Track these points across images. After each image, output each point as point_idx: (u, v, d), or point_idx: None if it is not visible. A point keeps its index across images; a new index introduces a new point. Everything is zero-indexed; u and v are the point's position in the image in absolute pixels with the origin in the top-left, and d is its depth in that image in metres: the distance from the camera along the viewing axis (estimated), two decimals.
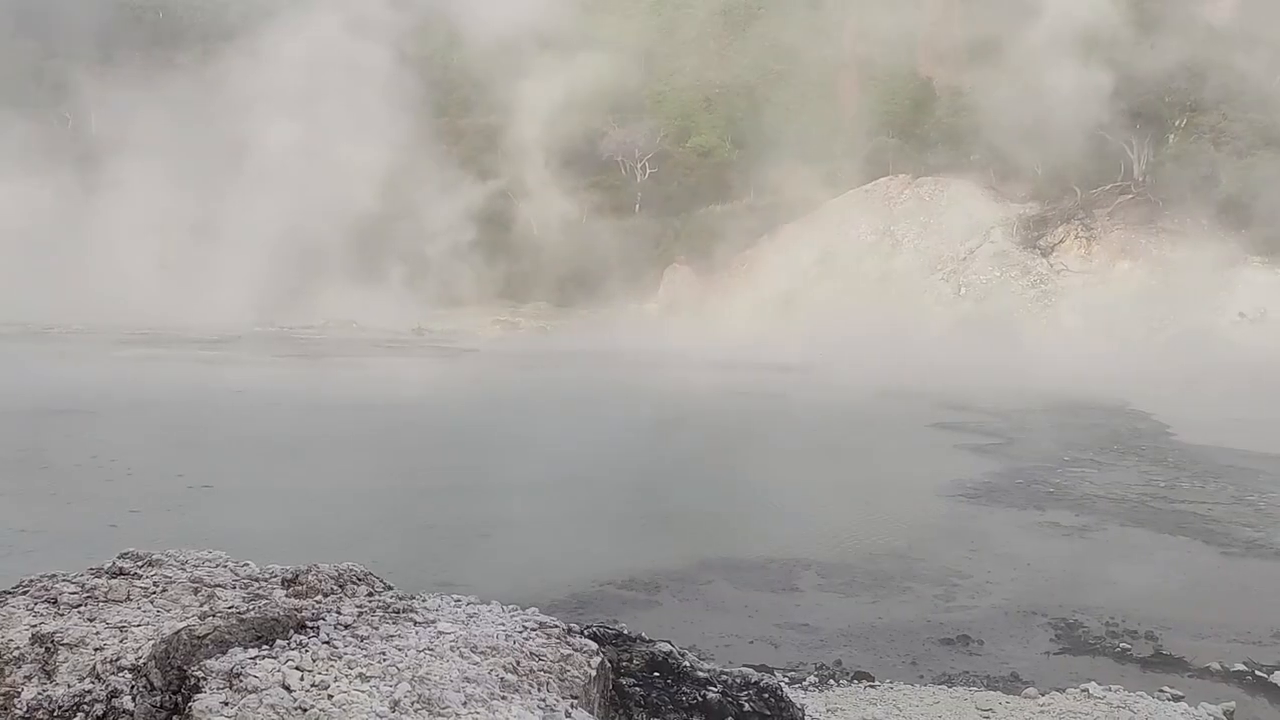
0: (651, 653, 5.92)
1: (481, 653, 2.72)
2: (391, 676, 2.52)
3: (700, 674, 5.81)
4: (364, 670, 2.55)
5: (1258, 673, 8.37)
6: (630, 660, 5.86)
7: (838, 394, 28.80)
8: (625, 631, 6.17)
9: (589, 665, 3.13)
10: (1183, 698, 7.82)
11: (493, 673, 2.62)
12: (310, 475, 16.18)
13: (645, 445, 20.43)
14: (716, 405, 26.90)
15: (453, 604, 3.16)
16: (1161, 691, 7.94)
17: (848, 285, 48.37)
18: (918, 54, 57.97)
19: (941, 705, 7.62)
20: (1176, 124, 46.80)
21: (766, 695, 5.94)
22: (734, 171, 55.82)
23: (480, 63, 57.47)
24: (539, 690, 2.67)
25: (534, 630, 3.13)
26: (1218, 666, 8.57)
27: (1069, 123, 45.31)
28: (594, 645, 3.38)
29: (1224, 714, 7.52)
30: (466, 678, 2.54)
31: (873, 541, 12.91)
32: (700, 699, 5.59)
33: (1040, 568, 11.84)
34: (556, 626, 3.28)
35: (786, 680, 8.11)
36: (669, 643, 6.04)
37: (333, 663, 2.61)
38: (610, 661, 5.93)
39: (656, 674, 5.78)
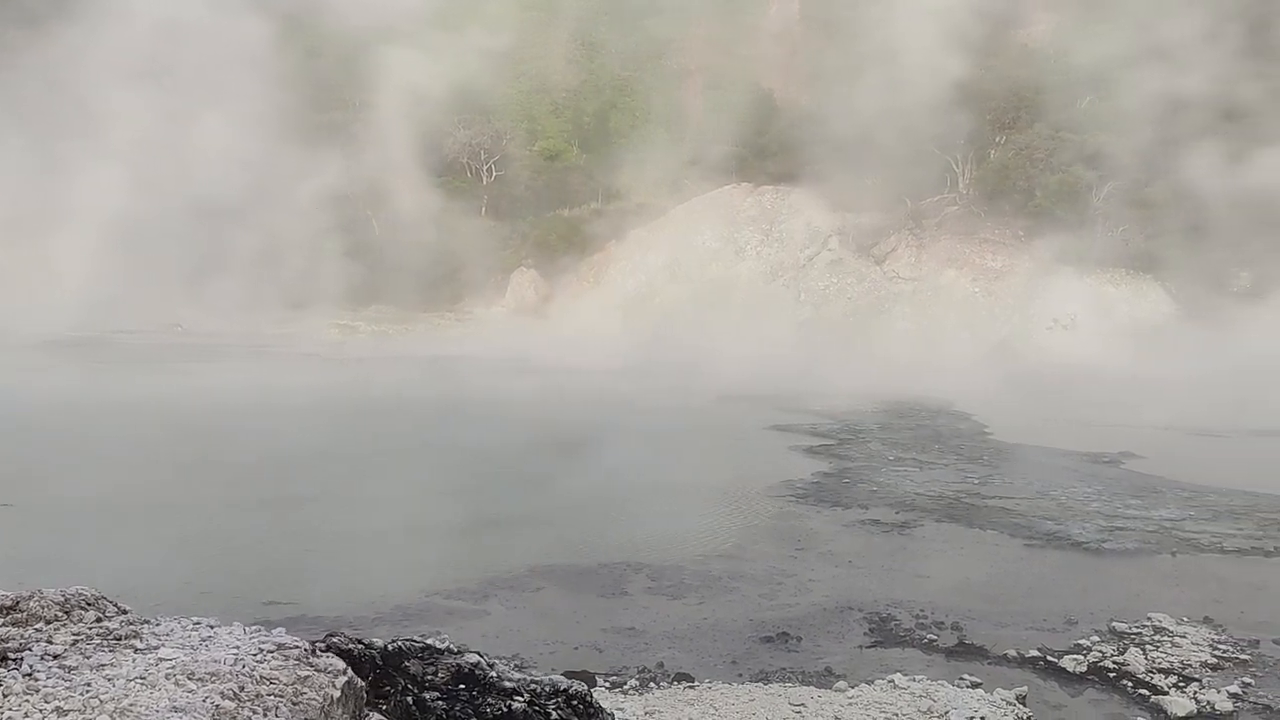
0: (458, 664, 5.89)
1: (199, 679, 2.62)
2: (92, 709, 2.40)
3: (507, 684, 5.81)
4: (62, 704, 2.42)
5: (1049, 658, 8.95)
6: (435, 673, 5.82)
7: (680, 398, 29.20)
8: (433, 644, 6.14)
9: (332, 686, 3.07)
10: (980, 684, 8.29)
11: (207, 700, 2.53)
12: (117, 491, 15.39)
13: (481, 454, 20.23)
14: (557, 412, 26.89)
15: (187, 627, 3.05)
16: (962, 679, 8.40)
17: (693, 291, 49.23)
18: (759, 66, 59.56)
19: (756, 703, 7.85)
20: (997, 140, 49.49)
21: (575, 702, 5.99)
22: (581, 176, 56.02)
23: (339, 52, 55.90)
24: (264, 716, 2.60)
25: (271, 652, 3.05)
26: (1014, 653, 9.12)
27: (901, 137, 47.26)
28: (340, 665, 3.32)
29: (1017, 698, 8.01)
30: (175, 707, 2.45)
31: (704, 544, 13.18)
32: (505, 709, 5.59)
33: (860, 564, 12.32)
34: (297, 647, 3.20)
35: (607, 685, 8.23)
36: (478, 653, 6.03)
37: (28, 697, 2.46)
38: (416, 675, 5.89)
39: (462, 686, 5.76)
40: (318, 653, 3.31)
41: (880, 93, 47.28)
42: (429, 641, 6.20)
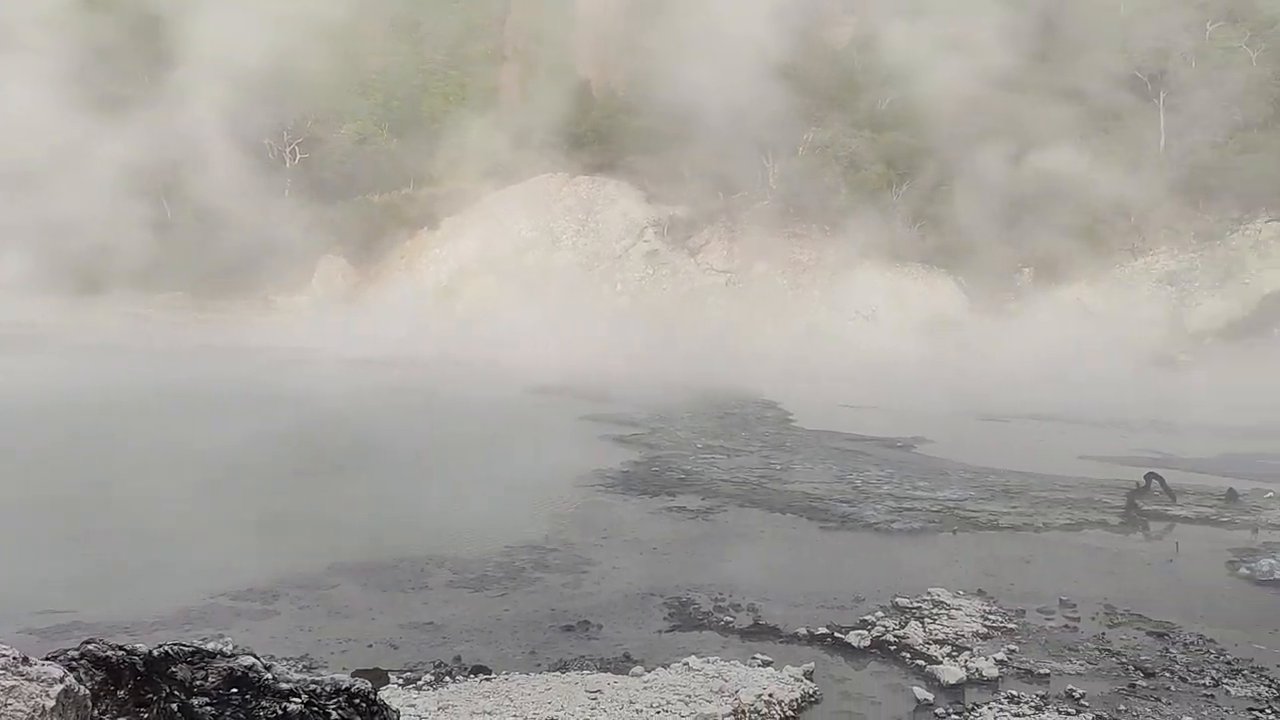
0: (231, 668, 5.58)
1: None
2: None
3: (284, 686, 5.55)
4: None
5: (837, 634, 9.29)
6: (206, 678, 5.51)
7: (492, 389, 28.93)
8: (204, 647, 5.81)
9: (45, 696, 2.84)
10: (771, 662, 8.52)
11: None
12: None
13: (278, 450, 19.44)
14: (365, 403, 26.16)
15: None
16: (754, 658, 8.62)
17: (509, 280, 48.80)
18: (577, 54, 59.52)
19: (553, 691, 7.82)
20: (805, 137, 51.22)
21: (358, 701, 5.79)
22: (391, 161, 54.55)
23: (145, 12, 52.10)
24: None
25: None
26: (805, 631, 9.42)
27: (714, 133, 48.28)
28: (56, 673, 3.08)
29: (804, 674, 8.28)
30: None
31: (510, 535, 13.05)
32: (280, 712, 5.34)
33: (664, 551, 12.49)
34: (3, 656, 2.95)
35: (400, 681, 8.03)
36: (253, 655, 5.74)
37: None
38: (185, 680, 5.55)
39: (235, 690, 5.47)
40: (30, 661, 3.05)
41: (695, 88, 48.11)
42: (200, 645, 5.85)
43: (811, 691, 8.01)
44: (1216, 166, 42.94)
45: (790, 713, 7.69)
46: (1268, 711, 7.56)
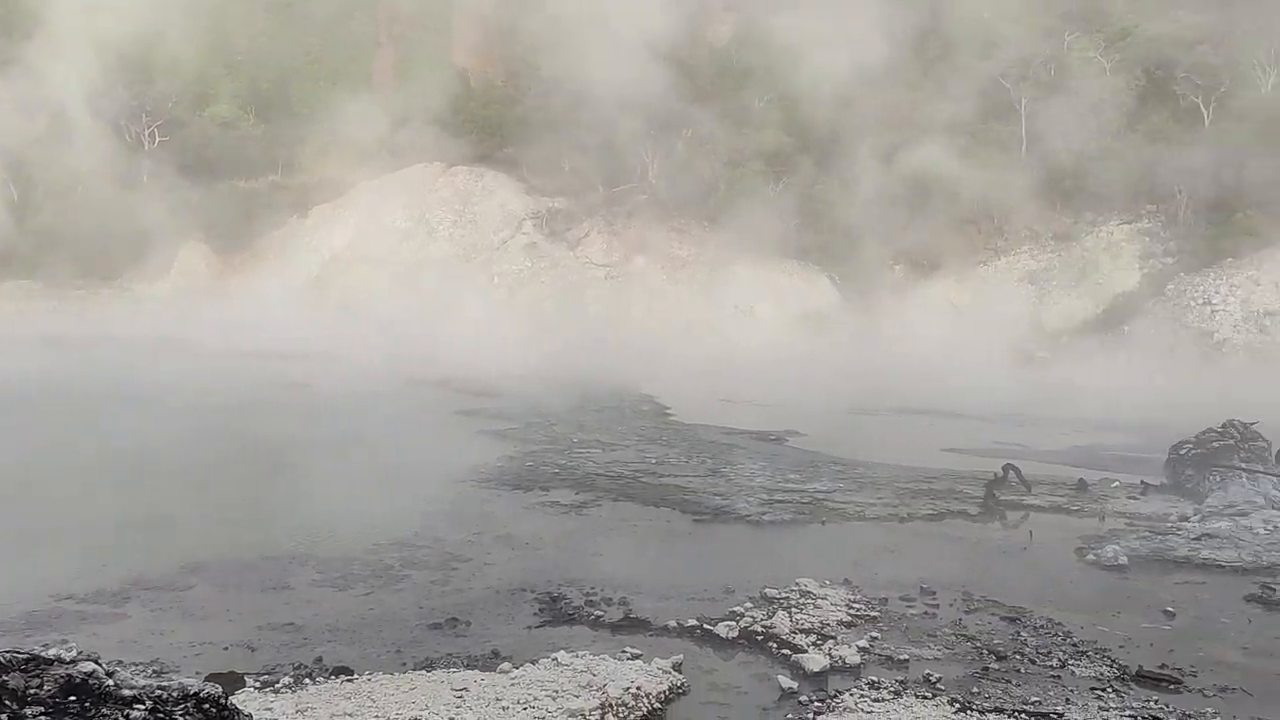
0: (69, 675, 5.30)
1: None
2: None
3: (126, 692, 5.29)
4: None
5: (706, 626, 9.36)
6: (41, 687, 5.21)
7: (366, 383, 28.30)
8: (40, 654, 5.48)
9: None
10: (641, 655, 8.53)
11: None
12: None
13: (132, 447, 18.60)
14: (229, 397, 25.26)
15: None
16: (624, 652, 8.61)
17: (382, 271, 47.80)
18: (454, 43, 58.58)
19: (418, 690, 7.67)
20: (684, 133, 51.58)
21: (207, 706, 5.56)
22: (259, 146, 52.70)
23: None
24: None
25: None
26: (675, 624, 9.46)
27: (594, 125, 48.23)
28: None
29: (673, 666, 8.32)
30: None
31: (379, 532, 12.77)
32: None
33: (536, 546, 12.39)
34: None
35: (257, 685, 7.75)
36: (95, 661, 5.46)
37: None
38: (17, 689, 5.23)
39: (73, 698, 5.19)
40: None
41: (575, 80, 47.97)
42: (38, 651, 5.54)
43: (680, 683, 8.05)
44: (1073, 171, 44.92)
45: (658, 705, 7.71)
46: (1109, 690, 7.92)
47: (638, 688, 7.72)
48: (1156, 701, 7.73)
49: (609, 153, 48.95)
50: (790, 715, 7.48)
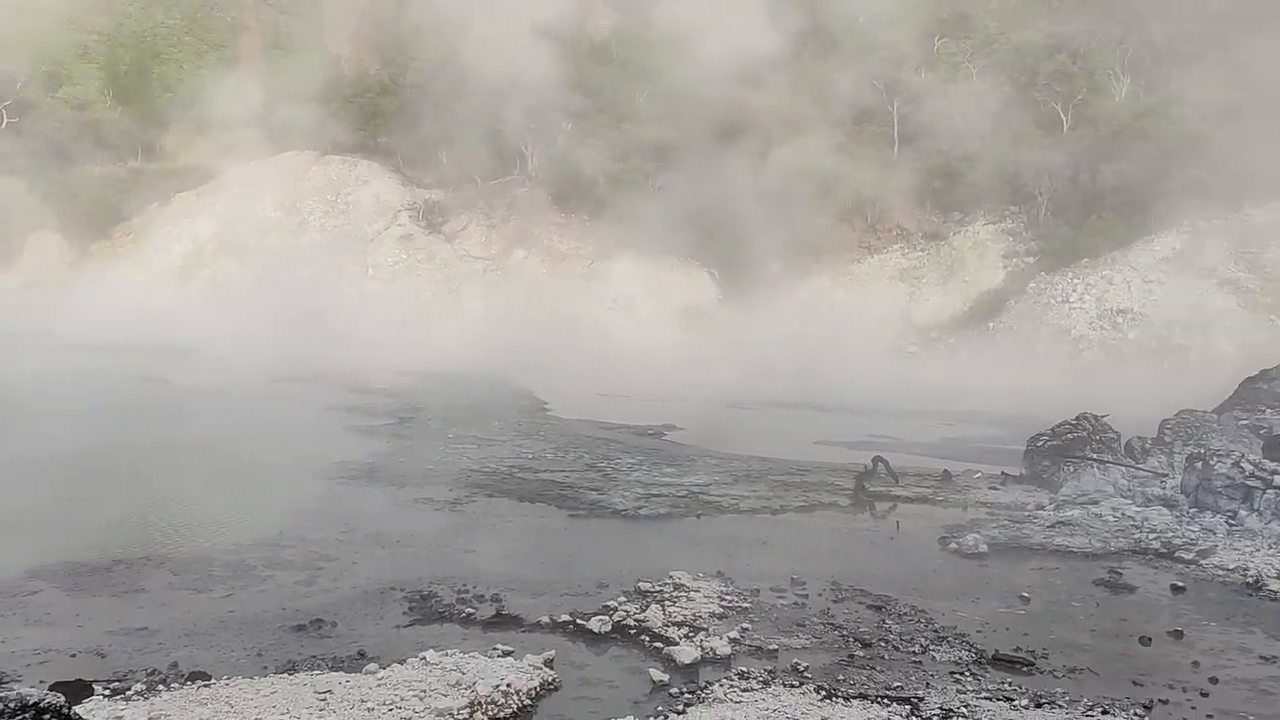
0: None
1: None
2: None
3: None
4: None
5: (579, 620, 9.31)
6: None
7: (231, 378, 27.31)
8: None
9: None
10: (512, 652, 8.43)
11: None
12: None
13: None
14: (83, 392, 24.06)
15: None
16: (495, 649, 8.49)
17: (250, 262, 46.24)
18: (327, 28, 57.00)
19: (279, 694, 7.40)
20: (565, 127, 51.40)
21: (48, 716, 5.29)
22: (117, 130, 50.28)
23: None
24: None
25: None
26: (547, 619, 9.38)
27: (473, 116, 47.60)
28: None
29: (544, 662, 8.24)
30: None
31: (242, 531, 12.33)
32: None
33: (408, 544, 12.13)
34: None
35: (107, 692, 7.38)
36: None
37: None
38: None
39: None
40: None
41: (453, 71, 47.31)
42: None
43: (551, 679, 7.98)
44: (942, 171, 46.47)
45: (528, 701, 7.62)
46: (967, 674, 8.18)
47: (508, 685, 7.62)
48: (1010, 683, 8.01)
49: (488, 144, 48.45)
50: (660, 707, 7.48)
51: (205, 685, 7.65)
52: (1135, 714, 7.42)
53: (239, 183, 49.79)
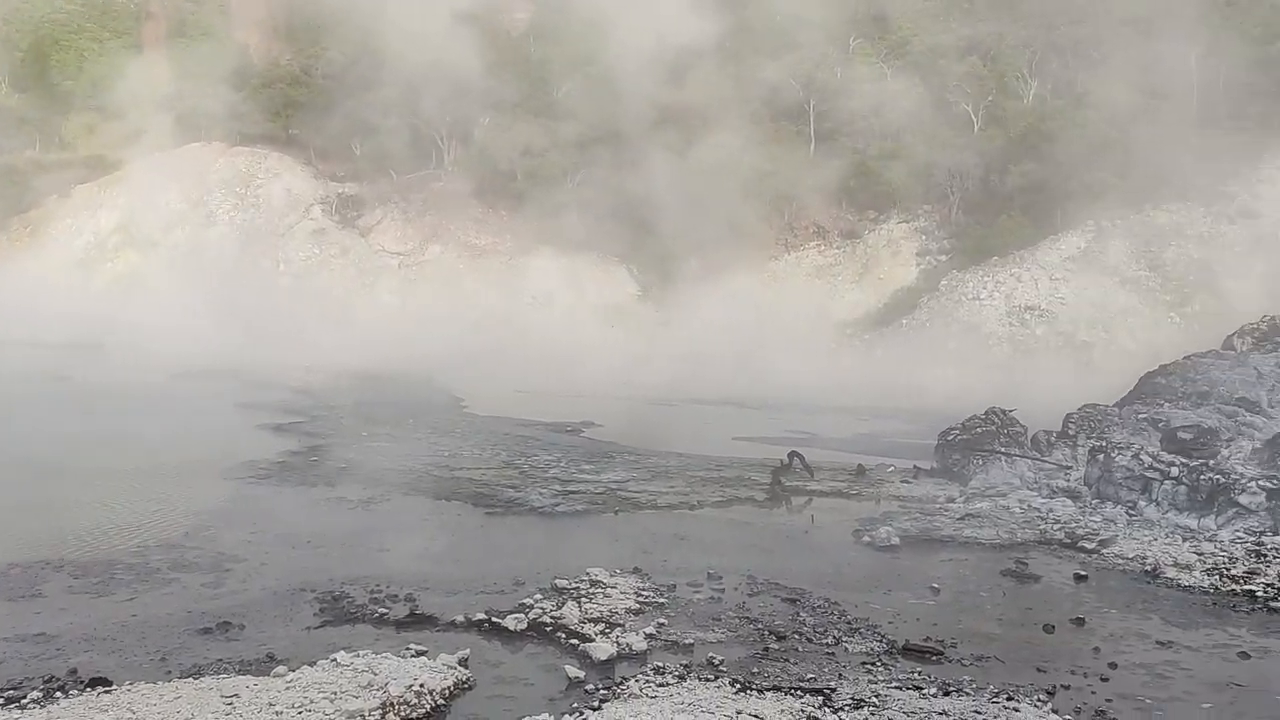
0: None
1: None
2: None
3: None
4: None
5: (494, 619, 9.23)
6: None
7: (134, 375, 26.49)
8: None
9: None
10: (426, 652, 8.32)
11: None
12: None
13: None
14: None
15: None
16: (408, 649, 8.37)
17: (155, 256, 44.87)
18: (234, 16, 55.47)
19: (184, 700, 7.20)
20: (482, 121, 50.90)
21: None
22: (13, 120, 48.28)
23: None
24: None
25: None
26: (462, 618, 9.29)
27: (388, 109, 46.87)
28: None
29: (459, 661, 8.15)
30: None
31: (145, 533, 11.99)
32: None
33: (319, 544, 11.90)
34: None
35: (1, 700, 7.09)
36: None
37: None
38: None
39: None
40: None
41: (367, 62, 46.56)
42: None
43: (465, 678, 7.90)
44: (858, 171, 47.17)
45: (442, 701, 7.54)
46: (878, 664, 8.32)
47: (421, 685, 7.52)
48: (920, 672, 8.16)
49: (404, 137, 47.75)
50: (576, 704, 7.45)
51: (106, 691, 7.42)
52: (1039, 700, 7.62)
53: (143, 174, 48.18)
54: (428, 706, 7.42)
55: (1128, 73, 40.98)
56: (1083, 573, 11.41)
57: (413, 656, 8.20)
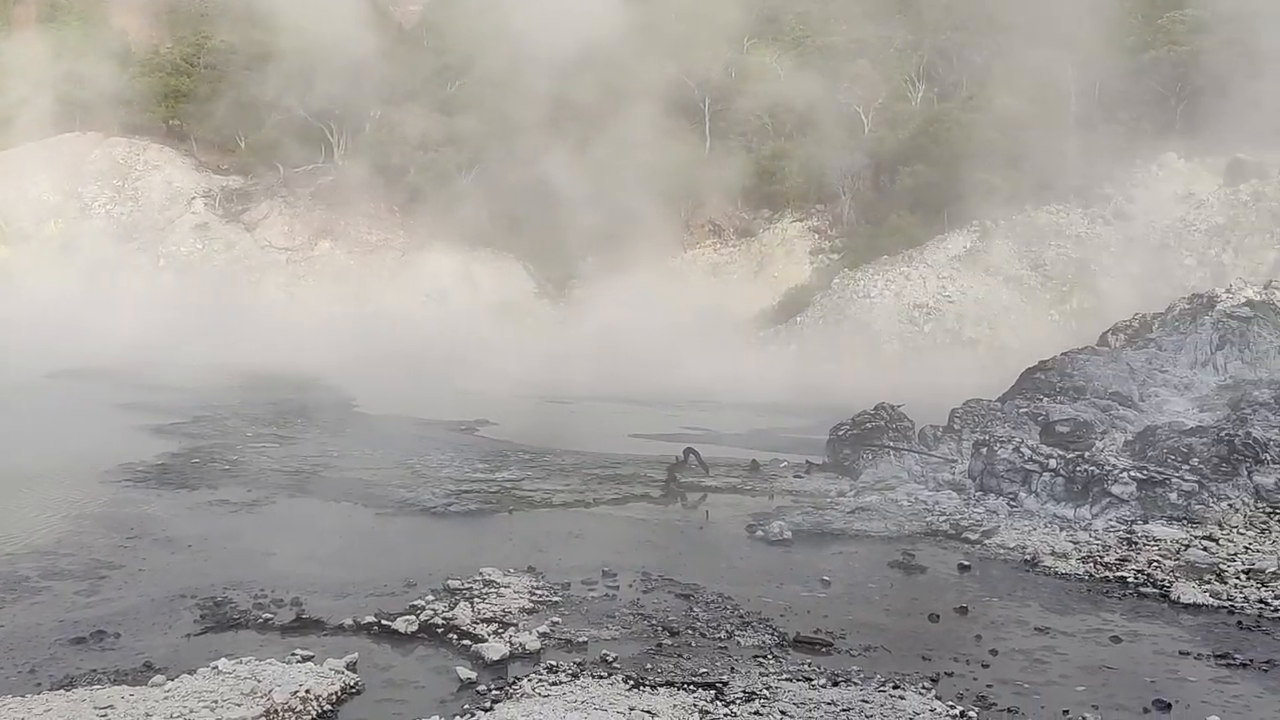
0: None
1: None
2: None
3: None
4: None
5: (384, 622, 9.03)
6: None
7: (4, 375, 25.23)
8: None
9: None
10: (312, 657, 8.09)
11: None
12: None
13: None
14: None
15: None
16: (294, 655, 8.13)
17: (25, 250, 42.88)
18: (110, 1, 53.26)
19: (54, 713, 6.87)
20: (373, 115, 49.95)
21: None
22: None
23: None
24: None
25: None
26: (351, 622, 9.06)
27: (274, 100, 45.68)
28: None
29: (346, 666, 7.95)
30: None
31: (12, 540, 11.42)
32: None
33: (201, 548, 11.50)
34: None
35: None
36: None
37: None
38: None
39: None
40: None
41: (251, 52, 45.26)
42: None
43: (353, 683, 7.71)
44: (752, 170, 47.79)
45: (328, 707, 7.34)
46: (769, 657, 8.41)
47: (306, 690, 7.31)
48: (810, 664, 8.28)
49: (290, 130, 46.54)
50: (467, 705, 7.34)
51: None
52: (923, 687, 7.80)
53: (11, 164, 46.01)
54: (314, 713, 7.21)
55: (1011, 78, 42.44)
56: (966, 563, 11.74)
57: (298, 662, 7.97)
